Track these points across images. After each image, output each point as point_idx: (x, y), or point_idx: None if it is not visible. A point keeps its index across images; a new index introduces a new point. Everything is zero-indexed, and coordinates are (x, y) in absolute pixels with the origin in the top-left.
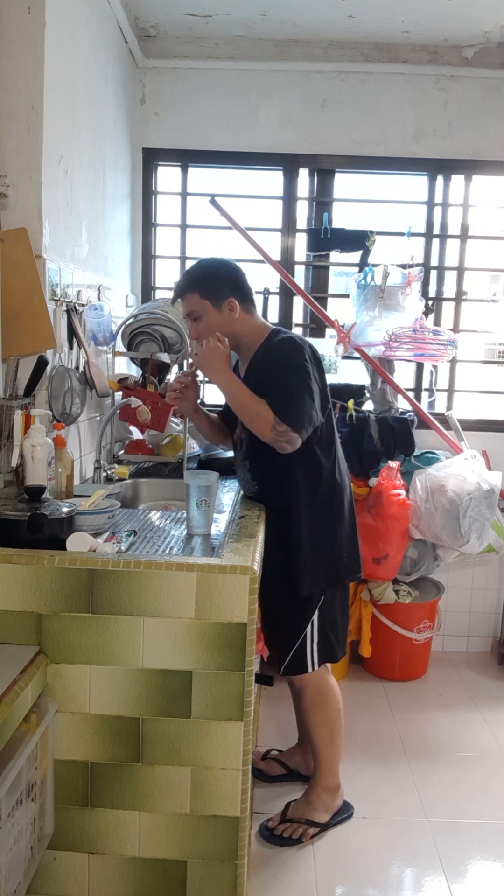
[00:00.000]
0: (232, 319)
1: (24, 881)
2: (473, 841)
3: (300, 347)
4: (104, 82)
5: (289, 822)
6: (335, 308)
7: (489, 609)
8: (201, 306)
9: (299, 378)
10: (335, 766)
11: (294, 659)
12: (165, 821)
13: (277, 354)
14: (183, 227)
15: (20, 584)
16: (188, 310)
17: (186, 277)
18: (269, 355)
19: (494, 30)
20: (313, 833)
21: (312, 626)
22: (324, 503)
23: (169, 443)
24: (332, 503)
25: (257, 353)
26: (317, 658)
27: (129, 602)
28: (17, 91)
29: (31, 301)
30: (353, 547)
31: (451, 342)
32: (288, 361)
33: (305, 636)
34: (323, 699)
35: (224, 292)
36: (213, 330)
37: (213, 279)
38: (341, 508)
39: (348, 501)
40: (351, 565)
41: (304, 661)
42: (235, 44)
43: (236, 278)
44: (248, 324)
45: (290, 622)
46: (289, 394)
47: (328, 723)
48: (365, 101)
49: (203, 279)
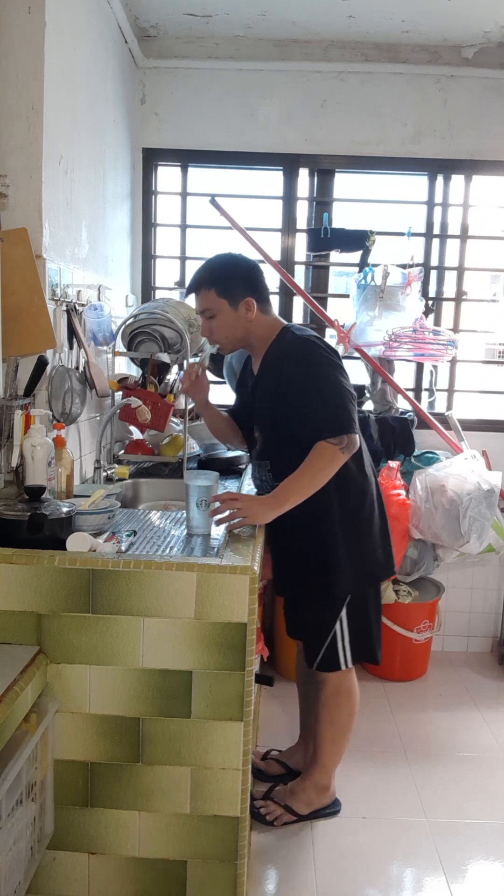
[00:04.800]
0: (248, 319)
1: (24, 881)
2: (473, 841)
3: (317, 345)
4: (104, 82)
5: (269, 800)
6: (335, 308)
7: (489, 609)
8: (217, 304)
9: (325, 376)
10: (331, 766)
11: (326, 655)
12: (165, 821)
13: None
14: (183, 227)
15: (20, 584)
16: (203, 307)
17: (203, 273)
18: (289, 358)
19: (494, 30)
20: (287, 820)
21: (342, 624)
22: (356, 500)
23: (169, 443)
24: (365, 499)
25: (269, 351)
26: (349, 655)
27: (129, 602)
28: (17, 91)
29: (31, 301)
30: (386, 543)
31: (451, 342)
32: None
33: (335, 634)
34: (337, 700)
35: (241, 291)
36: (226, 328)
37: (231, 277)
38: (372, 505)
39: (377, 496)
40: (387, 563)
41: (336, 659)
42: (235, 44)
43: (254, 277)
44: (262, 322)
45: (319, 620)
46: (328, 402)
47: (336, 723)
48: (365, 101)
49: (221, 277)
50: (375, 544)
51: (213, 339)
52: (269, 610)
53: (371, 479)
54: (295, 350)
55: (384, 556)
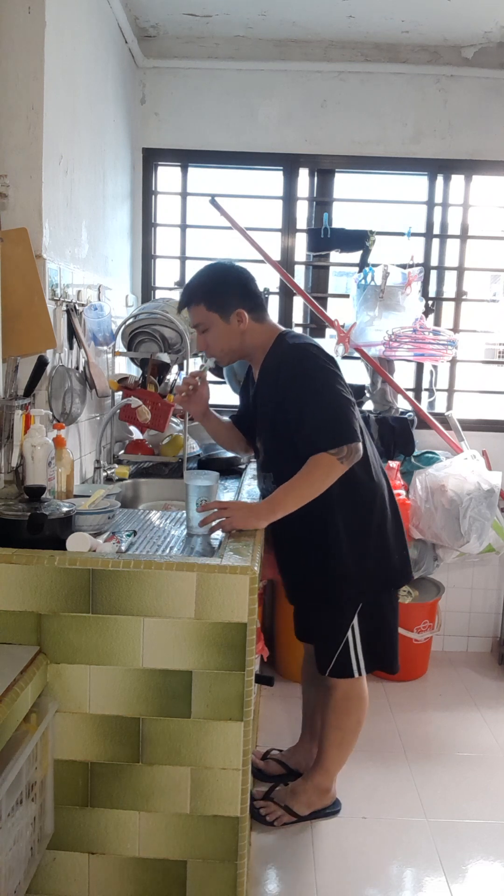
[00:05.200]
0: (241, 331)
1: (24, 881)
2: (473, 841)
3: (313, 353)
4: (104, 82)
5: (269, 801)
6: (335, 308)
7: (489, 609)
8: (208, 318)
9: (321, 385)
10: (333, 770)
11: (339, 662)
12: (165, 821)
13: (294, 369)
14: (183, 227)
15: (20, 584)
16: (195, 322)
17: (192, 288)
18: (286, 367)
19: (494, 30)
20: (287, 820)
21: (354, 632)
22: (363, 506)
23: (169, 443)
24: (374, 505)
25: (266, 359)
26: (363, 663)
27: (129, 602)
28: (17, 91)
29: (31, 301)
30: (402, 548)
31: (451, 342)
32: (308, 374)
33: (347, 641)
34: (347, 706)
35: (232, 302)
36: (220, 341)
37: (219, 290)
38: (383, 509)
39: (389, 500)
40: (403, 569)
41: (349, 666)
42: (235, 44)
43: (245, 286)
44: (257, 331)
45: (330, 627)
46: (325, 412)
47: (343, 729)
48: (365, 101)
49: (209, 290)
50: (390, 549)
51: (209, 352)
52: (269, 610)
53: (381, 484)
54: (290, 358)
55: (401, 561)
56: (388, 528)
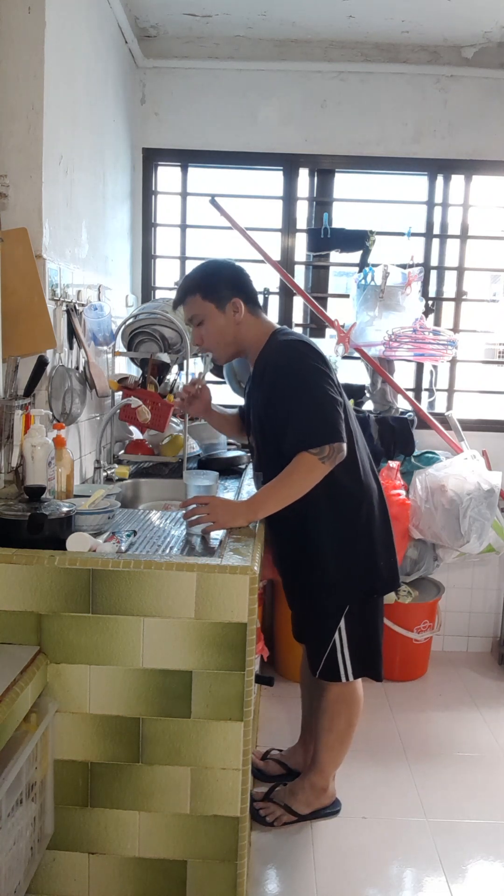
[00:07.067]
0: (237, 321)
1: (24, 881)
2: (473, 841)
3: (301, 351)
4: (104, 82)
5: (269, 801)
6: (335, 308)
7: (489, 609)
8: (204, 309)
9: (311, 384)
10: (328, 770)
11: (327, 665)
12: (165, 821)
13: (282, 368)
14: (183, 227)
15: (20, 584)
16: (190, 313)
17: (188, 281)
18: (273, 365)
19: (494, 30)
20: (287, 820)
21: (340, 635)
22: (350, 511)
23: (169, 443)
24: (360, 510)
25: (259, 357)
26: (350, 668)
27: (129, 602)
28: (17, 91)
29: (31, 301)
30: (390, 555)
31: (451, 342)
32: (294, 372)
33: (335, 644)
34: (337, 708)
35: (227, 293)
36: (216, 333)
37: (214, 280)
38: (371, 515)
39: (378, 505)
40: (390, 577)
41: (336, 670)
42: (235, 44)
43: (239, 278)
44: (253, 326)
45: (317, 629)
46: (309, 411)
47: (333, 731)
48: (365, 101)
49: (204, 280)
50: (377, 555)
51: (204, 346)
52: (269, 610)
53: (370, 487)
54: (278, 356)
55: (387, 568)
56: (375, 532)
